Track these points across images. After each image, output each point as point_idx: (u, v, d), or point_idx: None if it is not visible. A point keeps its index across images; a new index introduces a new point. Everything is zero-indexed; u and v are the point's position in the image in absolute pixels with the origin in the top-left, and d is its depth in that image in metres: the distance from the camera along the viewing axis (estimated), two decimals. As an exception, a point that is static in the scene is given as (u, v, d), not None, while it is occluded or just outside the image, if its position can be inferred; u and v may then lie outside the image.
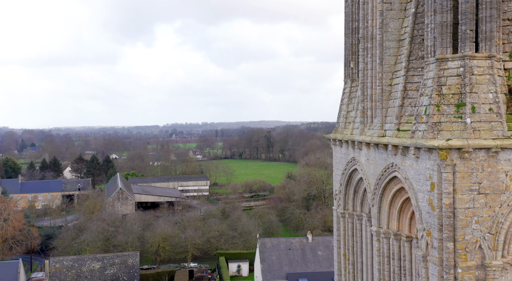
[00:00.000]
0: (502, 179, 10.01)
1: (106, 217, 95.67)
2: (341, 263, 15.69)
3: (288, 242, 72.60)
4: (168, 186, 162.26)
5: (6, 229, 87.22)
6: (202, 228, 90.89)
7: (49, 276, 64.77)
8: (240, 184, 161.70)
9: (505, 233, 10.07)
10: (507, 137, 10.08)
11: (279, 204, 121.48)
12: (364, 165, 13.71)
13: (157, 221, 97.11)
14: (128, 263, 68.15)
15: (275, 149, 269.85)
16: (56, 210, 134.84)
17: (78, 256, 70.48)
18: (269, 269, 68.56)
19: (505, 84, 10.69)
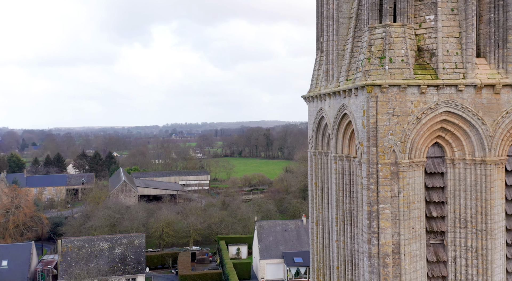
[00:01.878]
0: (409, 106, 14.98)
1: (111, 206, 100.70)
2: (313, 190, 20.70)
3: (284, 224, 77.62)
4: (169, 180, 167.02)
5: (18, 215, 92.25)
6: (203, 215, 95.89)
7: (62, 255, 69.77)
8: (239, 178, 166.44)
9: (411, 141, 15.04)
10: (413, 78, 15.05)
11: (277, 195, 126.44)
12: (327, 110, 18.69)
13: (160, 209, 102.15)
14: (135, 243, 73.14)
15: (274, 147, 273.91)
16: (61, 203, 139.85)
17: (88, 236, 75.46)
18: (266, 248, 73.61)
19: (415, 44, 15.67)
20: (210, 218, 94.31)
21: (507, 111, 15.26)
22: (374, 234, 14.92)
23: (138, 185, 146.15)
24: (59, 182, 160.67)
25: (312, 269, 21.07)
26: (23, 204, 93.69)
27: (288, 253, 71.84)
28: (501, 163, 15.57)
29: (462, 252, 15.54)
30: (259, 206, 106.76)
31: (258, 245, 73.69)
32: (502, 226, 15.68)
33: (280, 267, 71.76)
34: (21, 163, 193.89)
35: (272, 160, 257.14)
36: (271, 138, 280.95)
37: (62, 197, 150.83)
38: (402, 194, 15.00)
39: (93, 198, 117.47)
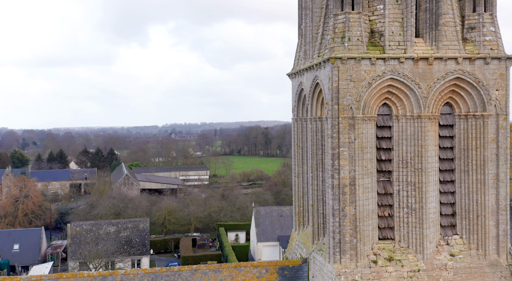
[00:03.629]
0: (362, 74, 19.67)
1: (115, 196, 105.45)
2: (295, 150, 25.44)
3: (280, 210, 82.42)
4: (170, 175, 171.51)
5: (27, 204, 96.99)
6: (203, 205, 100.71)
7: (71, 238, 74.48)
8: (238, 173, 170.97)
9: (364, 101, 19.72)
10: (365, 53, 19.73)
11: (274, 188, 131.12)
12: (305, 83, 23.43)
13: (162, 200, 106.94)
14: (140, 227, 77.88)
15: (273, 146, 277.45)
16: (65, 197, 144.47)
17: (95, 221, 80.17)
18: (263, 232, 78.38)
19: (369, 27, 20.37)
20: (210, 207, 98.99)
21: (438, 78, 20.06)
22: (336, 171, 19.72)
23: (140, 179, 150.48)
24: (63, 177, 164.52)
25: (294, 213, 25.88)
26: (31, 193, 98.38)
27: (283, 236, 76.39)
28: (434, 118, 20.38)
29: (404, 186, 20.34)
30: (257, 196, 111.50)
31: (255, 229, 78.42)
32: (435, 167, 20.49)
33: (276, 249, 76.45)
34: (24, 159, 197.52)
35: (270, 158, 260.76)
36: (270, 137, 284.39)
37: (66, 191, 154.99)
38: (357, 140, 19.80)
39: (97, 190, 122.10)
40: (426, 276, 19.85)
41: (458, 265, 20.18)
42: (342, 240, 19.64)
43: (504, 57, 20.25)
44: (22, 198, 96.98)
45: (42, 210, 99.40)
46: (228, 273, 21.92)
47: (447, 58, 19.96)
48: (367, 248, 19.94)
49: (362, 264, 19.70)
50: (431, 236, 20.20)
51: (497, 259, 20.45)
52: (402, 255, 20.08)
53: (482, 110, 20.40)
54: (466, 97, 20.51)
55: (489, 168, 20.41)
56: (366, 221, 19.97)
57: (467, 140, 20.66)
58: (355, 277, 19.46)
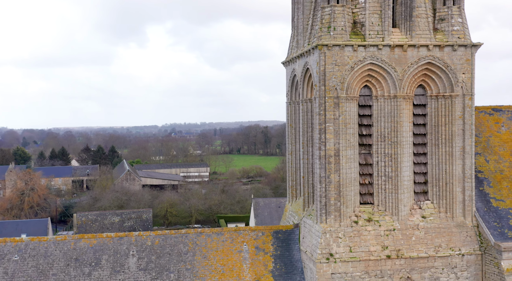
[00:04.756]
0: (346, 59, 22.56)
1: (118, 189, 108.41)
2: (289, 130, 28.38)
3: (278, 201, 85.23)
4: (170, 172, 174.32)
5: (32, 197, 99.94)
6: (204, 198, 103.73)
7: (77, 227, 77.44)
8: (237, 170, 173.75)
9: (347, 82, 22.61)
10: (348, 40, 22.62)
11: (273, 183, 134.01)
12: (297, 69, 26.34)
13: (164, 193, 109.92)
14: (143, 217, 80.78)
15: (272, 144, 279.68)
16: (68, 192, 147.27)
17: (100, 211, 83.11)
18: (261, 223, 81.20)
19: (352, 19, 23.27)
20: (210, 201, 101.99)
21: (411, 63, 23.01)
22: (322, 143, 22.67)
23: (141, 176, 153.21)
24: (65, 173, 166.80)
25: (287, 187, 28.84)
26: (37, 186, 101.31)
27: (281, 226, 79.14)
28: (409, 98, 23.34)
29: (382, 157, 23.29)
30: (256, 191, 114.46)
31: (254, 220, 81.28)
32: (410, 141, 23.45)
33: (273, 239, 79.28)
34: (26, 156, 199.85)
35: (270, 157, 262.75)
36: (269, 135, 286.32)
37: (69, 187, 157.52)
38: (341, 117, 22.75)
39: (100, 185, 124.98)
40: (400, 234, 22.81)
41: (429, 225, 23.13)
42: (327, 203, 22.60)
43: (470, 45, 23.22)
44: (28, 190, 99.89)
45: (47, 202, 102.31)
46: (229, 235, 24.88)
47: (420, 45, 22.91)
48: (349, 211, 22.90)
49: (345, 224, 22.66)
50: (405, 201, 23.16)
51: (463, 221, 23.41)
52: (380, 216, 23.05)
53: (451, 91, 23.36)
54: (437, 80, 23.47)
55: (456, 142, 23.37)
56: (348, 187, 22.93)
57: (437, 117, 23.62)
58: (338, 234, 22.43)
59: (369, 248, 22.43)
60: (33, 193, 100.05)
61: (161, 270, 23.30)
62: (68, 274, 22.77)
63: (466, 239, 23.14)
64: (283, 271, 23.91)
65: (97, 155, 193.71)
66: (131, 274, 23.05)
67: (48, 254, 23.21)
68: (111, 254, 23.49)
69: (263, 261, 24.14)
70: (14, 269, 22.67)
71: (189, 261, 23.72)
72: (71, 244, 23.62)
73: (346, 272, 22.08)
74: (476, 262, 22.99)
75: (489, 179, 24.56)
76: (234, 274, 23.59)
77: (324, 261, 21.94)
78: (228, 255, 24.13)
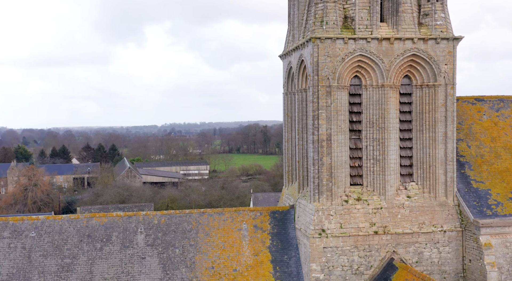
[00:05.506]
0: (337, 51, 24.49)
1: (120, 185, 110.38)
2: (286, 119, 30.35)
3: (276, 196, 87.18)
4: (171, 170, 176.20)
5: (36, 192, 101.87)
6: (204, 194, 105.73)
7: (80, 220, 79.43)
8: (237, 168, 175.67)
9: (338, 72, 24.56)
10: (340, 34, 24.57)
11: (272, 180, 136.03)
12: (293, 61, 28.29)
13: (165, 189, 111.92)
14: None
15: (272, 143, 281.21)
16: (69, 189, 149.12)
17: (103, 205, 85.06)
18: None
19: (343, 14, 25.22)
20: (210, 196, 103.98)
21: (398, 55, 24.97)
22: (316, 128, 24.63)
23: (142, 173, 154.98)
24: (66, 171, 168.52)
25: (284, 172, 30.80)
26: (40, 182, 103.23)
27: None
28: (395, 87, 25.30)
29: (370, 142, 25.25)
30: (255, 187, 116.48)
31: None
32: (396, 127, 25.41)
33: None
34: (28, 154, 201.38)
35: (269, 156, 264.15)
36: (269, 135, 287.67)
37: (70, 184, 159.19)
38: (333, 104, 24.71)
39: (101, 181, 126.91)
40: (387, 212, 24.78)
41: (413, 204, 25.11)
42: (320, 184, 24.56)
43: (452, 38, 25.19)
44: (31, 186, 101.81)
45: (50, 198, 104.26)
46: (230, 215, 26.84)
47: (405, 38, 24.88)
48: (340, 191, 24.86)
49: (336, 203, 24.63)
50: (392, 182, 25.13)
51: (446, 200, 25.38)
52: (368, 196, 25.02)
53: (434, 81, 25.33)
54: (421, 71, 25.44)
55: (439, 128, 25.33)
56: (340, 169, 24.89)
57: (422, 105, 25.59)
58: (330, 212, 24.39)
59: (358, 225, 24.39)
60: (36, 188, 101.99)
61: (167, 246, 25.25)
62: (81, 249, 24.71)
63: (447, 217, 25.11)
64: (279, 247, 25.86)
65: (98, 153, 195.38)
66: (139, 249, 24.99)
67: (63, 231, 25.16)
68: (120, 231, 25.43)
69: (261, 238, 26.10)
70: (32, 244, 24.62)
71: (192, 238, 25.67)
72: (84, 222, 25.57)
73: (337, 246, 24.03)
74: (457, 238, 24.96)
75: (470, 162, 26.52)
76: (234, 250, 25.54)
77: (317, 236, 23.90)
78: (228, 232, 26.08)
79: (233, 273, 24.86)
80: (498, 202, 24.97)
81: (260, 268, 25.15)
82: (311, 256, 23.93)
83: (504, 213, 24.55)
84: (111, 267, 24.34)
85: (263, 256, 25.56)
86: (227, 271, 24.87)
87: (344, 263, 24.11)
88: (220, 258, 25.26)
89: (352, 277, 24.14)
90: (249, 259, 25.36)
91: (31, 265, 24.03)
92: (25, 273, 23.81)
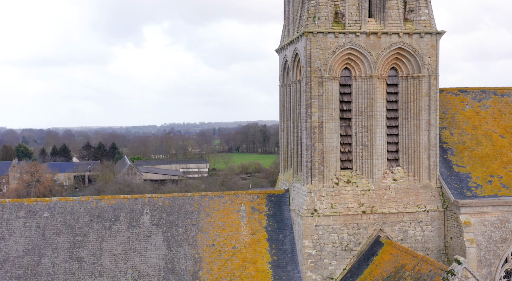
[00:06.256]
0: (328, 44, 26.47)
1: (121, 182, 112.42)
2: (281, 110, 32.37)
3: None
4: (170, 168, 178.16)
5: (39, 188, 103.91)
6: (204, 190, 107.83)
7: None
8: (236, 166, 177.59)
9: (329, 64, 26.52)
10: (331, 28, 26.57)
11: (271, 177, 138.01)
12: (288, 55, 30.27)
13: (165, 186, 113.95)
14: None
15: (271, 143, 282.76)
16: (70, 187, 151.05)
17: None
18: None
19: (334, 10, 27.22)
20: (210, 190, 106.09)
21: (385, 48, 26.95)
22: (308, 116, 26.62)
23: (142, 171, 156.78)
24: (67, 168, 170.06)
25: (280, 160, 32.78)
26: (42, 178, 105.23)
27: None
28: (383, 78, 27.28)
29: (359, 128, 27.24)
30: (254, 183, 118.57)
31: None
32: (383, 115, 27.38)
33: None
34: (29, 153, 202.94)
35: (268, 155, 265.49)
36: (268, 134, 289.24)
37: (71, 183, 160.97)
38: (325, 94, 26.70)
39: (102, 178, 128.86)
40: (374, 194, 26.78)
41: (399, 186, 27.11)
42: (312, 167, 26.56)
43: (435, 32, 27.19)
44: (34, 182, 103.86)
45: (53, 194, 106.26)
46: (229, 198, 28.82)
47: (392, 33, 26.87)
48: (331, 174, 26.85)
49: (327, 185, 26.62)
50: (379, 166, 27.13)
51: (429, 183, 27.38)
52: (357, 179, 27.02)
53: (418, 72, 27.32)
54: (406, 63, 27.45)
55: (423, 116, 27.33)
56: (331, 154, 26.88)
57: (407, 95, 27.58)
58: (322, 193, 26.39)
59: (347, 205, 26.38)
60: (39, 184, 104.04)
61: (171, 225, 27.23)
62: (91, 228, 26.68)
63: (430, 198, 27.12)
64: (275, 227, 27.85)
65: (98, 151, 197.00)
66: (145, 228, 26.97)
67: (74, 211, 27.13)
68: (127, 212, 27.41)
69: (258, 219, 28.08)
70: (45, 223, 26.58)
71: (194, 218, 27.65)
72: (94, 203, 27.53)
73: (328, 225, 26.03)
74: (439, 217, 26.96)
75: (453, 149, 28.53)
76: (233, 229, 27.52)
77: (309, 215, 25.90)
78: (228, 214, 28.06)
79: (232, 250, 26.84)
80: (478, 185, 26.97)
81: (257, 245, 27.13)
82: (304, 233, 25.92)
83: (483, 194, 26.55)
84: (119, 244, 26.31)
85: (260, 235, 27.54)
86: (226, 248, 26.85)
87: (335, 240, 26.11)
88: (220, 236, 27.24)
89: (342, 253, 26.14)
90: (247, 237, 27.33)
91: (45, 242, 26.00)
92: (39, 249, 25.78)
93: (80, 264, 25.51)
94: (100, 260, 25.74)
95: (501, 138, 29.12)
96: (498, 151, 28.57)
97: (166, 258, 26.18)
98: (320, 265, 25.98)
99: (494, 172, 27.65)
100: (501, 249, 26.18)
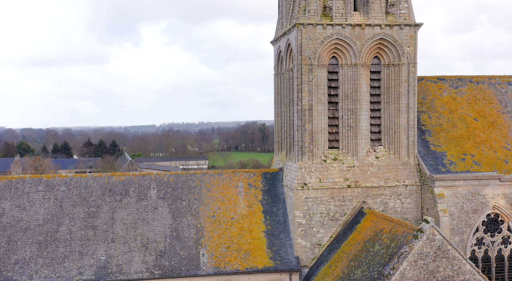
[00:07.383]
0: (317, 35, 29.43)
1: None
2: (276, 97, 35.35)
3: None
4: (170, 165, 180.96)
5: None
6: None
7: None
8: (235, 163, 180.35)
9: (318, 53, 29.22)
10: (319, 21, 29.48)
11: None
12: (282, 46, 33.20)
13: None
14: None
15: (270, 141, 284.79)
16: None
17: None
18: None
19: (322, 4, 30.14)
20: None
21: (368, 38, 29.92)
22: (299, 100, 29.58)
23: (142, 167, 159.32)
24: (68, 165, 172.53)
25: (274, 142, 35.76)
26: (47, 171, 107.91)
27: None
28: (367, 66, 30.25)
29: (345, 111, 30.21)
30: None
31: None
32: (367, 99, 30.35)
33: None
34: (30, 150, 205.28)
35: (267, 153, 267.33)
36: (267, 132, 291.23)
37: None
38: (314, 80, 29.66)
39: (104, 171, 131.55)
40: (358, 170, 29.76)
41: (381, 163, 30.08)
42: (303, 146, 29.52)
43: (413, 24, 30.17)
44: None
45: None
46: (228, 175, 31.77)
47: (374, 25, 29.85)
48: (320, 152, 29.82)
49: (316, 162, 29.59)
50: (363, 145, 30.10)
51: (408, 161, 30.36)
52: (343, 157, 30.00)
53: (399, 61, 30.29)
54: (388, 52, 30.43)
55: (402, 100, 30.30)
56: (319, 134, 29.85)
57: (388, 81, 30.55)
58: (311, 169, 29.36)
59: (334, 180, 29.36)
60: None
61: (175, 199, 30.18)
62: (104, 200, 29.62)
63: (409, 174, 30.11)
64: (269, 201, 30.82)
65: (99, 149, 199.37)
66: (152, 201, 29.92)
67: (88, 186, 30.07)
68: (136, 187, 30.35)
69: (254, 194, 31.04)
70: (62, 196, 29.52)
71: (196, 193, 30.60)
72: (105, 179, 30.48)
73: (316, 197, 29.01)
74: (416, 191, 29.96)
75: (430, 130, 31.51)
76: (231, 203, 30.49)
77: (300, 189, 28.87)
78: (227, 189, 31.02)
79: (231, 220, 29.81)
80: (452, 162, 29.96)
81: (253, 217, 30.10)
82: (295, 205, 28.90)
83: (456, 170, 29.54)
84: (129, 215, 29.26)
85: (255, 207, 30.51)
86: (225, 219, 29.81)
87: (322, 211, 29.09)
88: (220, 209, 30.20)
89: (329, 222, 29.12)
90: (244, 210, 30.31)
91: (62, 213, 28.94)
92: (58, 219, 28.72)
93: (95, 231, 28.46)
94: (112, 228, 28.68)
95: (475, 121, 32.11)
96: (472, 133, 31.56)
97: (171, 227, 29.14)
98: (309, 233, 28.96)
99: (467, 151, 30.64)
100: (472, 219, 29.16)
